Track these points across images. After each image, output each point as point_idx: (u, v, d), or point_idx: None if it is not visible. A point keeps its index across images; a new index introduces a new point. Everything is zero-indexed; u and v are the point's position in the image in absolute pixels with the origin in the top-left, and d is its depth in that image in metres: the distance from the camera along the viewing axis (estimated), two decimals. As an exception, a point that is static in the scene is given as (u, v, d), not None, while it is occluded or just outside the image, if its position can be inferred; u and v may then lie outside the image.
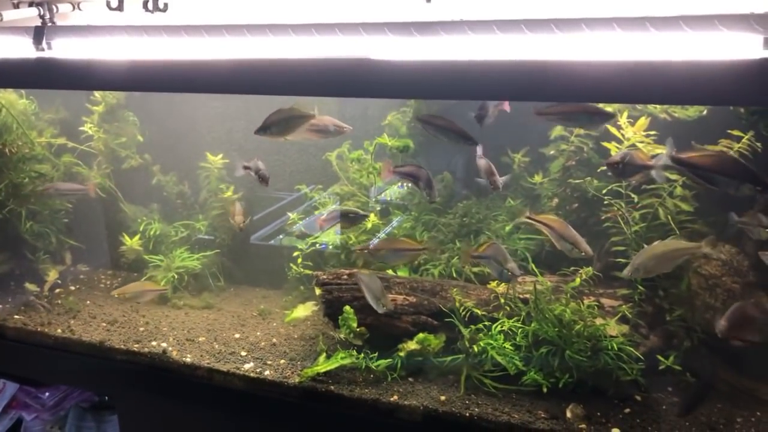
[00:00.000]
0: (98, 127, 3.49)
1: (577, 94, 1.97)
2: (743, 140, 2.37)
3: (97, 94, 3.46)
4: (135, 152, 3.53)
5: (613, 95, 1.93)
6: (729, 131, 2.39)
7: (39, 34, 2.51)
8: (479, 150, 2.63)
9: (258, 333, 3.00)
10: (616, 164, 2.27)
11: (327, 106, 2.82)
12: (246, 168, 2.87)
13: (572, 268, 2.64)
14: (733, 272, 2.46)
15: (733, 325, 2.15)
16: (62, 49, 2.52)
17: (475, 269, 2.82)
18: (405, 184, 3.27)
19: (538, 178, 2.95)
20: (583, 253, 2.37)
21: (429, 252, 2.76)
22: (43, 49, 2.52)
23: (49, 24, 2.63)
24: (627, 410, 2.33)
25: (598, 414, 2.31)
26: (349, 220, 2.91)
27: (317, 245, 3.24)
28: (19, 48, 2.55)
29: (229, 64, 2.21)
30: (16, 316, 3.16)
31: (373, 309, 2.64)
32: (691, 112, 2.50)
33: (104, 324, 3.10)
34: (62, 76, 2.53)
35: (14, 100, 3.32)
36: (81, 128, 3.48)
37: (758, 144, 2.36)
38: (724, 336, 2.16)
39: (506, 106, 2.53)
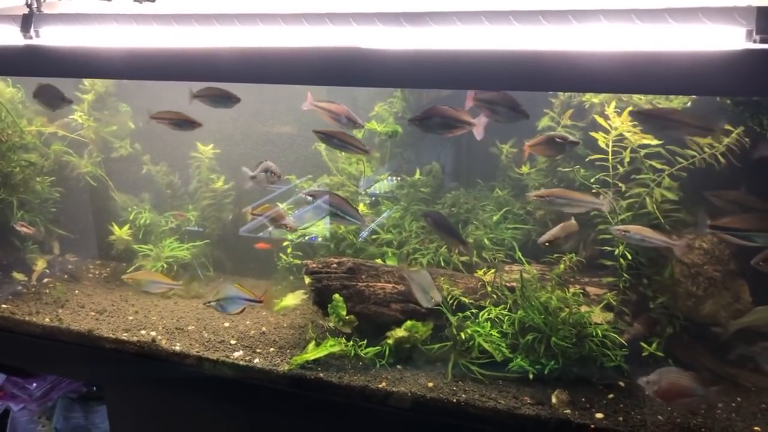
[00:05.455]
0: (88, 116, 3.48)
1: (564, 84, 2.00)
2: (733, 135, 2.42)
3: (86, 82, 3.45)
4: (127, 141, 3.53)
5: (600, 85, 1.97)
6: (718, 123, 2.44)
7: (27, 21, 2.50)
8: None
9: (247, 322, 3.01)
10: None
11: (316, 96, 2.83)
12: (253, 178, 2.90)
13: (556, 256, 2.68)
14: (714, 261, 2.51)
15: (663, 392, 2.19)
16: (50, 37, 2.51)
17: (463, 258, 2.85)
18: (394, 177, 3.30)
19: (525, 169, 2.98)
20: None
21: (181, 289, 3.25)
22: (31, 37, 2.51)
23: (37, 12, 2.61)
24: (611, 396, 2.38)
25: (583, 399, 2.35)
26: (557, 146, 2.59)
27: (305, 237, 3.26)
28: (6, 36, 2.54)
29: (219, 52, 2.22)
30: (3, 305, 3.15)
31: (362, 297, 2.67)
32: (676, 103, 2.54)
33: (93, 313, 3.10)
34: (50, 64, 2.52)
35: (2, 88, 3.30)
36: (71, 117, 3.47)
37: (747, 139, 2.41)
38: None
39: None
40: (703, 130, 2.30)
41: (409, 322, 2.61)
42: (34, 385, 3.45)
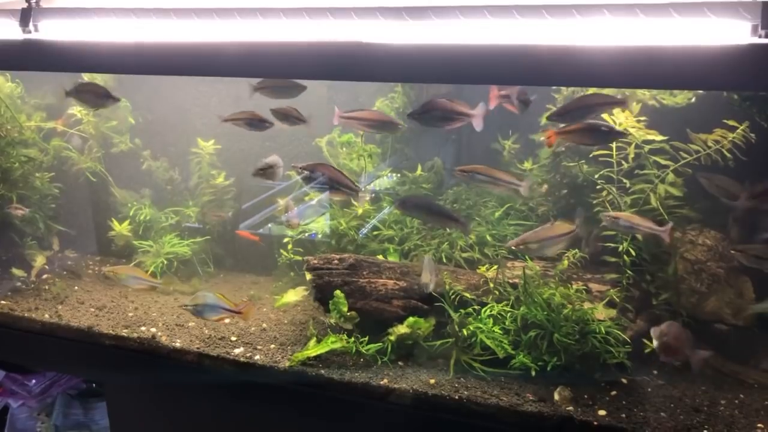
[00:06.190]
0: (87, 111, 3.46)
1: (566, 79, 1.99)
2: (738, 130, 2.40)
3: (85, 76, 3.42)
4: (127, 137, 3.52)
5: (604, 80, 1.94)
6: (723, 119, 2.42)
7: (25, 15, 2.48)
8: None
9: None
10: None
11: (317, 92, 2.82)
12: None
13: (559, 252, 2.66)
14: (718, 257, 2.50)
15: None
16: (49, 31, 2.50)
17: (465, 254, 2.84)
18: (394, 173, 3.28)
19: (528, 165, 2.97)
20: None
21: (163, 286, 3.21)
22: (29, 31, 2.50)
23: (35, 6, 2.59)
24: (614, 393, 2.37)
25: (586, 396, 2.34)
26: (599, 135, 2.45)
27: (306, 233, 3.24)
28: (5, 30, 2.52)
29: (219, 47, 2.20)
30: (2, 302, 3.14)
31: (364, 293, 2.66)
32: (680, 99, 2.52)
33: (93, 309, 3.08)
34: (49, 58, 2.51)
35: (1, 83, 3.28)
36: (70, 111, 3.45)
37: (752, 135, 2.39)
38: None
39: None
40: (617, 103, 2.36)
41: (411, 319, 2.59)
42: (34, 381, 3.45)
